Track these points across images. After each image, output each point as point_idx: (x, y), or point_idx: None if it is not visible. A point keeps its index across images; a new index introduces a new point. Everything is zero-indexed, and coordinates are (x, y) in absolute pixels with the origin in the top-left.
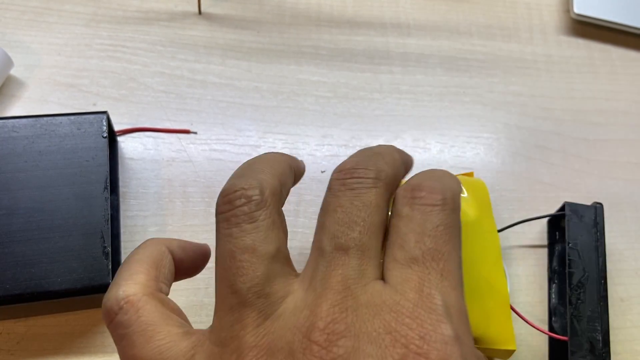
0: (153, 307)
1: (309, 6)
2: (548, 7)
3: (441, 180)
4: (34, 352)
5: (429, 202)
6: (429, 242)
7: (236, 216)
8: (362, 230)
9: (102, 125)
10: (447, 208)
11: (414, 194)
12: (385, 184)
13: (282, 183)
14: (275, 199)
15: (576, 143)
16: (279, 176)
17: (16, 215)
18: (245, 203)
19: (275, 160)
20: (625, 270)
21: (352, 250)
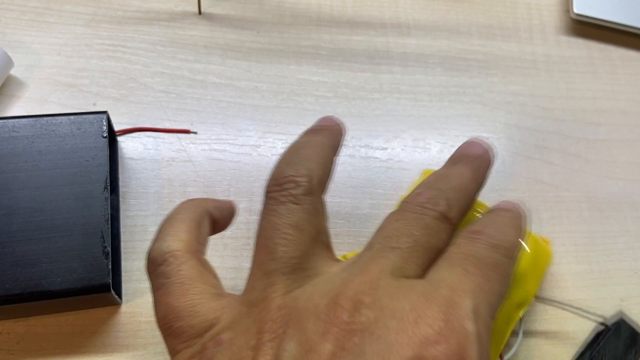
0: (193, 265)
1: (309, 6)
2: (548, 7)
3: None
4: (34, 352)
5: (490, 242)
6: (492, 230)
7: (284, 196)
8: (415, 242)
9: (102, 125)
10: (507, 254)
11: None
12: (453, 224)
13: (327, 171)
14: (320, 188)
15: (576, 143)
16: (325, 165)
17: (16, 215)
18: (293, 187)
19: (322, 147)
20: (624, 270)
21: (399, 251)
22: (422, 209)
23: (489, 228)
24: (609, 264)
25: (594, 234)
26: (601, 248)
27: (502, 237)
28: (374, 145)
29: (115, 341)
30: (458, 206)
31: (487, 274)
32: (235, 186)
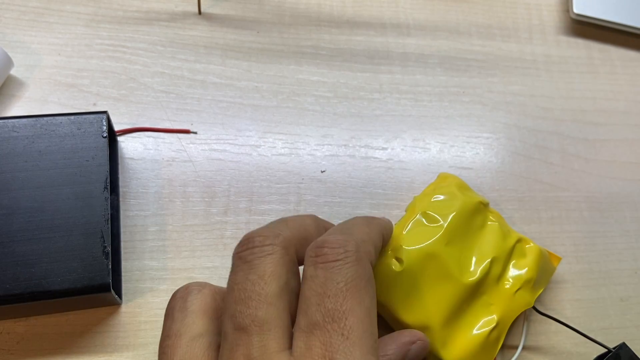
0: None
1: (309, 6)
2: (547, 7)
3: (348, 232)
4: (34, 352)
5: (331, 258)
6: (329, 303)
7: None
8: (257, 304)
9: (102, 125)
10: (349, 260)
11: (317, 252)
12: (282, 247)
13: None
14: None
15: (575, 143)
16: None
17: (16, 215)
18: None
19: (370, 227)
20: (624, 270)
21: (249, 328)
22: (248, 252)
23: (333, 235)
24: (608, 264)
25: (593, 234)
26: (601, 248)
27: (345, 240)
28: (374, 145)
29: (115, 341)
30: (285, 230)
31: (345, 310)
32: (235, 186)
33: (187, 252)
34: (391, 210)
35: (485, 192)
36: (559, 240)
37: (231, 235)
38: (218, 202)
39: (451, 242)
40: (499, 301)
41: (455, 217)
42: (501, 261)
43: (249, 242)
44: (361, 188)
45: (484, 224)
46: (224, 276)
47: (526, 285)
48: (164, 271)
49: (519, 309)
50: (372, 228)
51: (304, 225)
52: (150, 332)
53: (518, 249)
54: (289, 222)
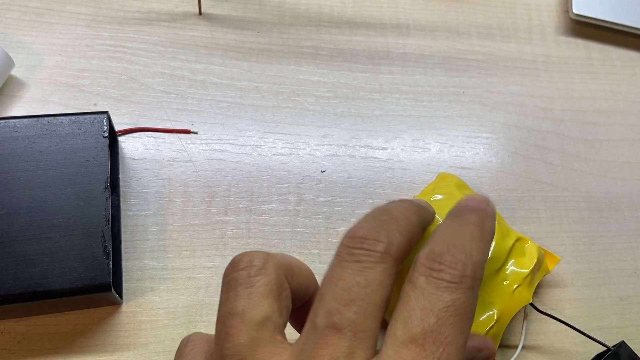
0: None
1: (309, 7)
2: (547, 7)
3: (466, 249)
4: (34, 352)
5: (447, 277)
6: (434, 322)
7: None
8: (359, 310)
9: (103, 125)
10: (464, 286)
11: (433, 265)
12: (394, 259)
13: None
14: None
15: (575, 143)
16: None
17: (17, 215)
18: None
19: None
20: (624, 269)
21: (344, 331)
22: (362, 252)
23: (452, 249)
24: (608, 264)
25: (593, 234)
26: (600, 248)
27: (464, 260)
28: (374, 145)
29: (115, 340)
30: (399, 239)
31: (448, 335)
32: (235, 186)
33: (187, 251)
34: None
35: (485, 192)
36: (559, 240)
37: (231, 235)
38: (218, 202)
39: None
40: (498, 299)
41: None
42: (500, 260)
43: (362, 241)
44: (361, 188)
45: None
46: None
47: (525, 282)
48: (165, 271)
49: (518, 305)
50: (486, 243)
51: (412, 230)
52: (151, 332)
53: (517, 248)
54: (401, 224)
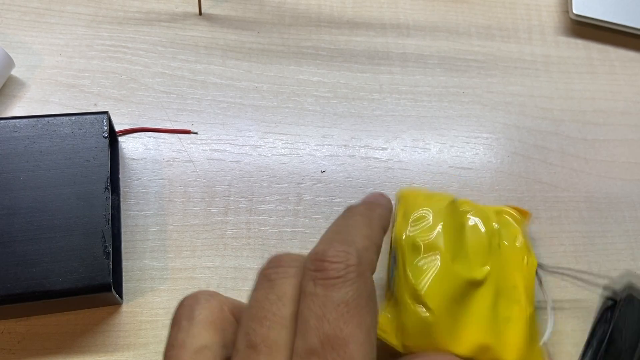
0: None
1: (309, 7)
2: (547, 7)
3: (348, 239)
4: (35, 352)
5: (332, 274)
6: (329, 328)
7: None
8: (271, 324)
9: (103, 126)
10: (350, 277)
11: (317, 265)
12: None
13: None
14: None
15: (575, 143)
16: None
17: (17, 215)
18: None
19: (367, 226)
20: (623, 269)
21: (260, 347)
22: (272, 271)
23: (332, 246)
24: (607, 264)
25: (592, 234)
26: (600, 248)
27: (346, 252)
28: (374, 145)
29: (116, 341)
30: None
31: (345, 336)
32: (235, 186)
33: (187, 252)
34: None
35: (484, 192)
36: (558, 240)
37: (231, 235)
38: (218, 202)
39: (454, 256)
40: (517, 277)
41: (443, 233)
42: (497, 241)
43: (275, 262)
44: (361, 188)
45: (464, 220)
46: (224, 276)
47: (529, 250)
48: (165, 271)
49: (532, 274)
50: (373, 228)
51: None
52: (151, 332)
53: (502, 223)
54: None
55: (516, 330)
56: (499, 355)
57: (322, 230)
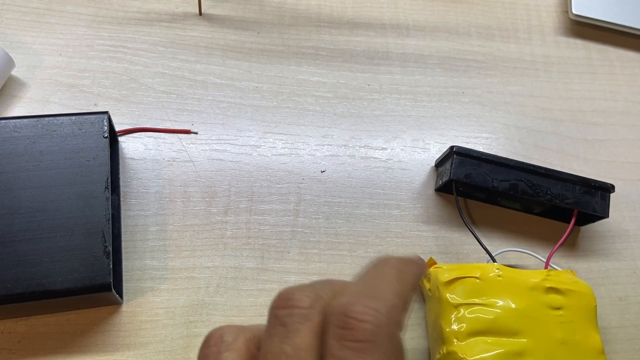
0: None
1: (309, 7)
2: (547, 8)
3: (377, 294)
4: (35, 351)
5: (360, 336)
6: None
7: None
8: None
9: (103, 126)
10: (379, 340)
11: (343, 323)
12: (320, 312)
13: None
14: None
15: (574, 143)
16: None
17: (18, 214)
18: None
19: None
20: (623, 269)
21: None
22: (285, 312)
23: (359, 302)
24: (607, 264)
25: (592, 234)
26: (600, 247)
27: (374, 311)
28: (374, 145)
29: (116, 340)
30: (327, 291)
31: None
32: (235, 186)
33: (187, 251)
34: (391, 210)
35: None
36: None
37: (231, 235)
38: (218, 202)
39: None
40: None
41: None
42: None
43: (288, 300)
44: (361, 188)
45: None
46: (224, 275)
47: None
48: (165, 271)
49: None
50: (404, 284)
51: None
52: (151, 332)
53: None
54: (334, 284)
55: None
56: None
57: (322, 230)
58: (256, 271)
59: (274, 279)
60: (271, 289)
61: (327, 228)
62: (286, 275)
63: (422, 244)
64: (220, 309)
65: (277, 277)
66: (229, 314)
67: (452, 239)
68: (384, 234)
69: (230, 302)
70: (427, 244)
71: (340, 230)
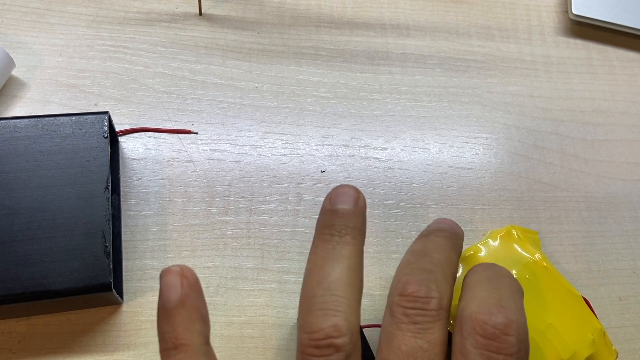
0: None
1: (309, 7)
2: (546, 8)
3: (509, 307)
4: (35, 352)
5: (505, 350)
6: None
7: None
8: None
9: (104, 126)
10: (520, 355)
11: (485, 332)
12: (447, 310)
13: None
14: (358, 338)
15: (574, 143)
16: (359, 299)
17: (18, 215)
18: (333, 353)
19: (354, 277)
20: (623, 269)
21: None
22: (416, 312)
23: (500, 313)
24: (607, 264)
25: (592, 234)
26: (599, 248)
27: (516, 326)
28: (374, 145)
29: (116, 340)
30: (448, 288)
31: None
32: (235, 186)
33: (187, 251)
34: (391, 210)
35: (484, 192)
36: (558, 240)
37: (231, 235)
38: (219, 202)
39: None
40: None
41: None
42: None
43: (414, 300)
44: (361, 188)
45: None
46: (224, 276)
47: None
48: None
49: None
50: (522, 299)
51: (454, 270)
52: (152, 332)
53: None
54: (445, 271)
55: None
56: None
57: None
58: (256, 271)
59: (274, 279)
60: (271, 289)
61: None
62: (286, 275)
63: None
64: (221, 309)
65: (277, 277)
66: (229, 314)
67: None
68: (384, 234)
69: (231, 302)
70: None
71: None
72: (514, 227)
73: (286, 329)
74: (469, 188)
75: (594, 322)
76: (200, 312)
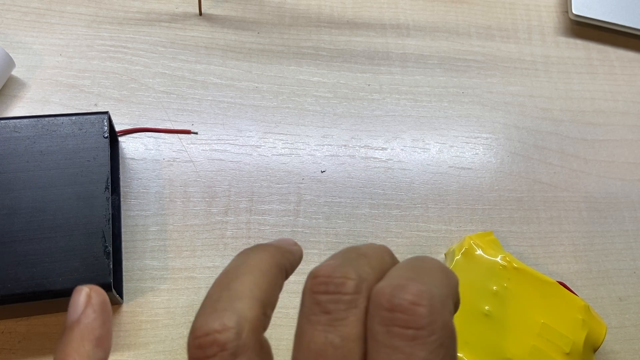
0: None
1: (309, 7)
2: (547, 8)
3: (426, 279)
4: (35, 351)
5: (413, 323)
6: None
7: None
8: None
9: (104, 126)
10: (435, 328)
11: (394, 306)
12: (367, 297)
13: (266, 304)
14: (255, 336)
15: (574, 143)
16: (263, 297)
17: (18, 215)
18: (217, 352)
19: (260, 271)
20: (623, 269)
21: None
22: (328, 298)
23: (410, 287)
24: (607, 264)
25: (592, 234)
26: (599, 248)
27: (429, 299)
28: (374, 145)
29: (116, 340)
30: (371, 274)
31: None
32: (235, 186)
33: (187, 251)
34: (391, 210)
35: (484, 192)
36: (558, 240)
37: (231, 235)
38: (219, 202)
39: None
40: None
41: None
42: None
43: (327, 282)
44: (361, 188)
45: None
46: None
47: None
48: (165, 271)
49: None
50: (450, 280)
51: (384, 268)
52: (151, 332)
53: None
54: (371, 260)
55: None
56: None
57: (322, 230)
58: None
59: None
60: None
61: (327, 228)
62: None
63: (422, 244)
64: None
65: None
66: None
67: (453, 239)
68: (384, 234)
69: None
70: (428, 244)
71: (340, 230)
72: (470, 238)
73: (286, 329)
74: (469, 188)
75: (576, 301)
76: (94, 334)
